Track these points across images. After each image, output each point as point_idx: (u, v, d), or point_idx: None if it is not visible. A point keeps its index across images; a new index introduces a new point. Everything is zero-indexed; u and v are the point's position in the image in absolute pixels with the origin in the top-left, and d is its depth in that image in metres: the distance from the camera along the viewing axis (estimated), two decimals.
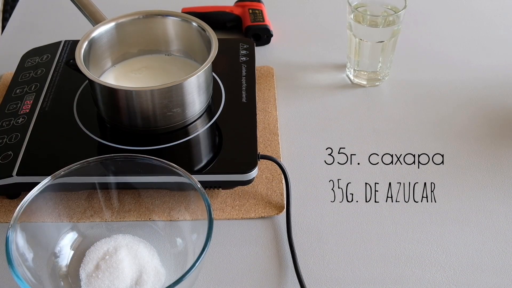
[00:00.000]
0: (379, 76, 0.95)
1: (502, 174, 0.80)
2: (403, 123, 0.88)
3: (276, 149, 0.83)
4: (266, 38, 1.04)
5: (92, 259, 0.67)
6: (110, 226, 0.73)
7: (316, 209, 0.76)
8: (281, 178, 0.79)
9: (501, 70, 0.98)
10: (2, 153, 0.76)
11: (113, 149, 0.76)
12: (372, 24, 0.89)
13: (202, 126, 0.81)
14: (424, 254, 0.71)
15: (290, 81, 0.96)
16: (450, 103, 0.92)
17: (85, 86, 0.86)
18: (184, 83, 0.75)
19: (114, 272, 0.65)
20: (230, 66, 0.90)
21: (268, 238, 0.73)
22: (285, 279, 0.68)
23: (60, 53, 0.93)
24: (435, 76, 0.97)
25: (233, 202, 0.77)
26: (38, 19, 1.13)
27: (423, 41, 1.05)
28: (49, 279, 0.65)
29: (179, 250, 0.69)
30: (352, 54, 0.93)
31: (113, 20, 0.83)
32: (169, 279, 0.66)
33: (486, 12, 1.13)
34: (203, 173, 0.74)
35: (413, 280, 0.68)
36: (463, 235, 0.73)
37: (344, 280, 0.68)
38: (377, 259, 0.70)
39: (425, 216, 0.75)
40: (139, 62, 0.87)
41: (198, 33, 0.83)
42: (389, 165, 0.82)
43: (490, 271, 0.69)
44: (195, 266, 0.58)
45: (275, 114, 0.89)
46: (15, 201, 0.77)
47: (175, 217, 0.73)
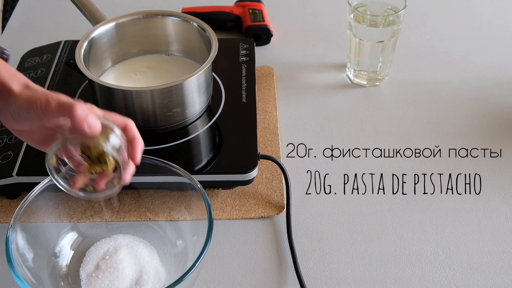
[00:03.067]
0: (379, 76, 0.95)
1: (502, 174, 0.80)
2: (403, 123, 0.88)
3: (276, 149, 0.83)
4: (266, 38, 1.04)
5: (92, 259, 0.67)
6: (110, 226, 0.73)
7: (316, 209, 0.76)
8: (281, 178, 0.79)
9: (501, 70, 0.98)
10: (2, 153, 0.76)
11: None
12: (372, 24, 0.89)
13: (202, 126, 0.81)
14: (424, 254, 0.71)
15: (290, 81, 0.96)
16: (450, 103, 0.92)
17: (85, 86, 0.86)
18: (184, 83, 0.75)
19: (114, 272, 0.65)
20: (230, 66, 0.90)
21: (268, 238, 0.73)
22: (285, 279, 0.68)
23: (60, 53, 0.93)
24: (435, 76, 0.97)
25: (233, 202, 0.77)
26: (38, 19, 1.13)
27: (423, 41, 1.05)
28: (49, 279, 0.65)
29: (179, 250, 0.69)
30: (352, 54, 0.93)
31: (113, 20, 0.83)
32: (169, 279, 0.66)
33: (486, 12, 1.13)
34: (203, 173, 0.74)
35: (413, 280, 0.68)
36: (463, 235, 0.73)
37: (344, 280, 0.68)
38: (377, 259, 0.70)
39: (425, 216, 0.75)
40: (139, 62, 0.87)
41: (198, 33, 0.83)
42: (389, 165, 0.82)
43: (490, 271, 0.69)
44: (195, 266, 0.58)
45: (275, 114, 0.89)
46: (15, 201, 0.77)
47: (175, 217, 0.73)
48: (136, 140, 0.59)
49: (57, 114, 0.54)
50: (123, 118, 0.59)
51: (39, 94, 0.55)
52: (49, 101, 0.54)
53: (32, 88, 0.57)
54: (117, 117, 0.59)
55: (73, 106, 0.53)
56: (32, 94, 0.56)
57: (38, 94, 0.55)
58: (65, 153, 0.59)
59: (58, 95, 0.55)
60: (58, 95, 0.55)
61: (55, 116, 0.54)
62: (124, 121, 0.59)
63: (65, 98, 0.55)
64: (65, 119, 0.55)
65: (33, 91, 0.56)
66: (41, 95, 0.55)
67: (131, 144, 0.59)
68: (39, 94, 0.55)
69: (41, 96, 0.55)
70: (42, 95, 0.55)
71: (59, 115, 0.54)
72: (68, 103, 0.54)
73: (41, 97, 0.55)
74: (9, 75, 0.58)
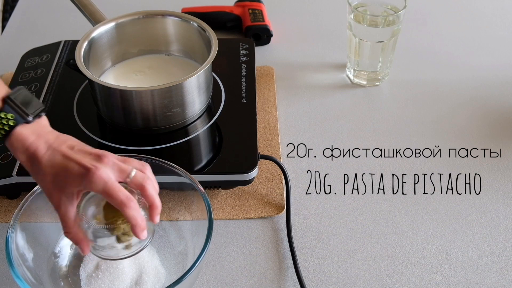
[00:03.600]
0: (379, 76, 0.95)
1: (502, 174, 0.80)
2: (403, 123, 0.88)
3: (276, 149, 0.83)
4: (266, 38, 1.04)
5: (92, 259, 0.67)
6: None
7: (316, 209, 0.76)
8: (281, 178, 0.79)
9: (501, 70, 0.98)
10: (2, 153, 0.76)
11: (113, 149, 0.76)
12: (372, 24, 0.89)
13: (202, 126, 0.81)
14: (424, 254, 0.71)
15: (290, 81, 0.96)
16: (450, 103, 0.92)
17: (85, 86, 0.86)
18: (184, 83, 0.75)
19: (114, 272, 0.65)
20: (230, 66, 0.90)
21: (268, 238, 0.73)
22: (285, 279, 0.68)
23: (60, 53, 0.93)
24: (435, 76, 0.97)
25: (233, 202, 0.77)
26: (38, 19, 1.13)
27: (423, 41, 1.05)
28: (49, 279, 0.65)
29: (179, 250, 0.69)
30: (352, 54, 0.93)
31: (113, 20, 0.83)
32: (169, 279, 0.66)
33: (486, 12, 1.13)
34: (203, 173, 0.74)
35: (413, 280, 0.68)
36: (463, 235, 0.73)
37: (344, 280, 0.68)
38: (377, 259, 0.70)
39: (425, 216, 0.75)
40: (139, 62, 0.87)
41: (198, 33, 0.83)
42: (389, 165, 0.81)
43: (490, 271, 0.69)
44: (195, 266, 0.58)
45: (275, 114, 0.89)
46: (15, 201, 0.77)
47: (175, 217, 0.73)
48: (153, 205, 0.59)
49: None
50: (139, 163, 0.60)
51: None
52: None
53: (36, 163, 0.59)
54: (135, 162, 0.60)
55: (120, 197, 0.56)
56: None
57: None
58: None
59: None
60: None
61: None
62: (141, 166, 0.60)
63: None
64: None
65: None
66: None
67: (150, 208, 0.60)
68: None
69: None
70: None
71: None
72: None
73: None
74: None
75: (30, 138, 0.58)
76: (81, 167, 0.56)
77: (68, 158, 0.57)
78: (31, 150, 0.58)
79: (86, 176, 0.55)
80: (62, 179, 0.57)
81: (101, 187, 0.56)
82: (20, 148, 0.58)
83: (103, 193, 0.56)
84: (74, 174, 0.56)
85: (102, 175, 0.55)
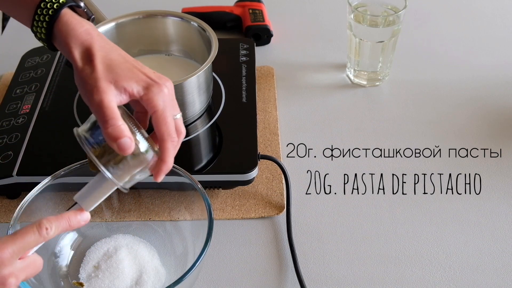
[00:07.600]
0: (379, 76, 0.95)
1: (502, 174, 0.80)
2: (403, 123, 0.88)
3: (276, 149, 0.83)
4: (266, 38, 1.04)
5: (92, 259, 0.67)
6: (110, 226, 0.73)
7: (316, 209, 0.76)
8: (281, 178, 0.79)
9: (501, 70, 0.98)
10: (2, 153, 0.76)
11: None
12: (372, 24, 0.89)
13: (202, 126, 0.81)
14: (424, 254, 0.71)
15: (290, 81, 0.96)
16: (450, 103, 0.92)
17: None
18: (184, 83, 0.75)
19: (114, 272, 0.65)
20: (230, 66, 0.90)
21: (268, 238, 0.73)
22: (285, 279, 0.68)
23: (60, 53, 0.93)
24: (435, 76, 0.97)
25: (233, 202, 0.77)
26: None
27: (423, 41, 1.05)
28: (49, 279, 0.65)
29: (179, 250, 0.69)
30: (352, 54, 0.93)
31: (113, 20, 0.83)
32: (169, 279, 0.66)
33: (486, 12, 1.13)
34: (203, 173, 0.74)
35: (413, 280, 0.68)
36: (463, 235, 0.73)
37: (344, 280, 0.68)
38: (377, 259, 0.70)
39: (425, 216, 0.75)
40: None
41: (198, 33, 0.83)
42: (389, 165, 0.82)
43: (490, 271, 0.69)
44: (195, 266, 0.58)
45: (275, 114, 0.89)
46: (15, 201, 0.77)
47: (175, 217, 0.73)
48: (164, 161, 0.55)
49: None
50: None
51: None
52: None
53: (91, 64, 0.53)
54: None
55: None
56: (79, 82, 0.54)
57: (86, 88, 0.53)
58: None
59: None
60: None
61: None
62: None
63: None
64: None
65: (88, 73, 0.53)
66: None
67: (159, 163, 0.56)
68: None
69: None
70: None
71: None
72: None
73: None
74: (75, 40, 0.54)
75: (83, 23, 0.54)
76: (147, 77, 0.53)
77: (130, 64, 0.53)
78: (86, 33, 0.53)
79: (153, 86, 0.52)
80: (119, 72, 0.53)
81: (161, 105, 0.52)
82: (71, 30, 0.53)
83: (156, 112, 0.52)
84: (139, 79, 0.52)
85: (168, 94, 0.52)
